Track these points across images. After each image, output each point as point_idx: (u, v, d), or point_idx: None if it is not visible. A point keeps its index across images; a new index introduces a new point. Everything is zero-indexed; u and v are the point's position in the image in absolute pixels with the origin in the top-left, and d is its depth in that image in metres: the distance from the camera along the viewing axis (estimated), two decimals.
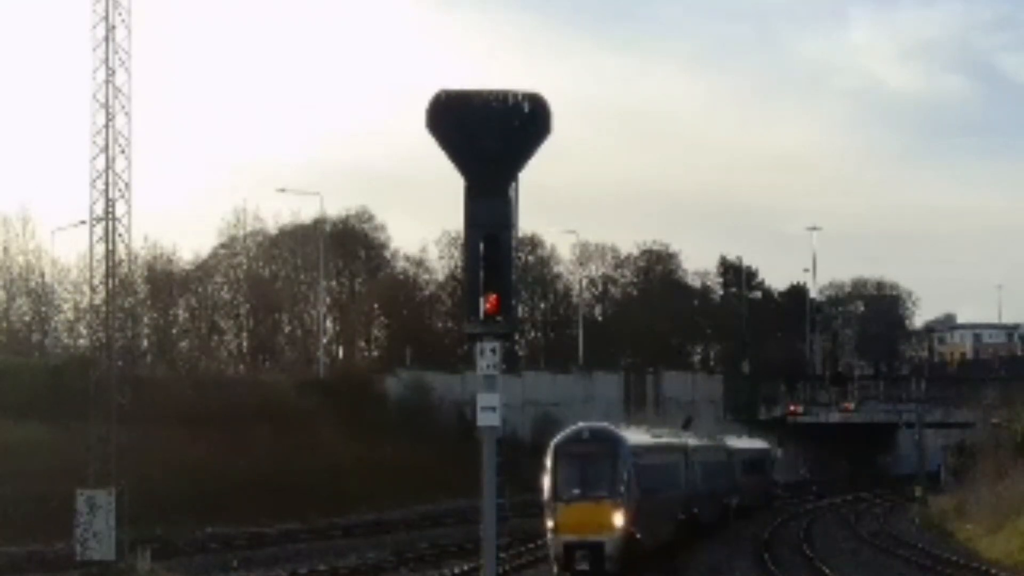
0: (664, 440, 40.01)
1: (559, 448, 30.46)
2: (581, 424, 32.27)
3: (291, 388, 68.80)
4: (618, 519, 29.55)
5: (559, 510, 29.60)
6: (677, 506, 38.72)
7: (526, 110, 12.28)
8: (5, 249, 75.33)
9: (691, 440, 46.16)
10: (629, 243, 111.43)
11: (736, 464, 55.49)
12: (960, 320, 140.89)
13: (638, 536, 30.40)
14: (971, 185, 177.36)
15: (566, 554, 29.45)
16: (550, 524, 29.67)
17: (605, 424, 34.02)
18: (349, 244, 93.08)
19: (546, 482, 30.24)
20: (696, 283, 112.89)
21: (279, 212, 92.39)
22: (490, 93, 12.31)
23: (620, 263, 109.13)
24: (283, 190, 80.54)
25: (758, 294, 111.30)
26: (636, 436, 34.54)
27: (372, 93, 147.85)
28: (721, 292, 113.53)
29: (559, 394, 77.37)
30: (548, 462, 30.33)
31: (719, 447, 53.63)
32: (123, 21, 38.06)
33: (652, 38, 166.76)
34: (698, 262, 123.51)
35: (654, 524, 33.33)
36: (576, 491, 29.99)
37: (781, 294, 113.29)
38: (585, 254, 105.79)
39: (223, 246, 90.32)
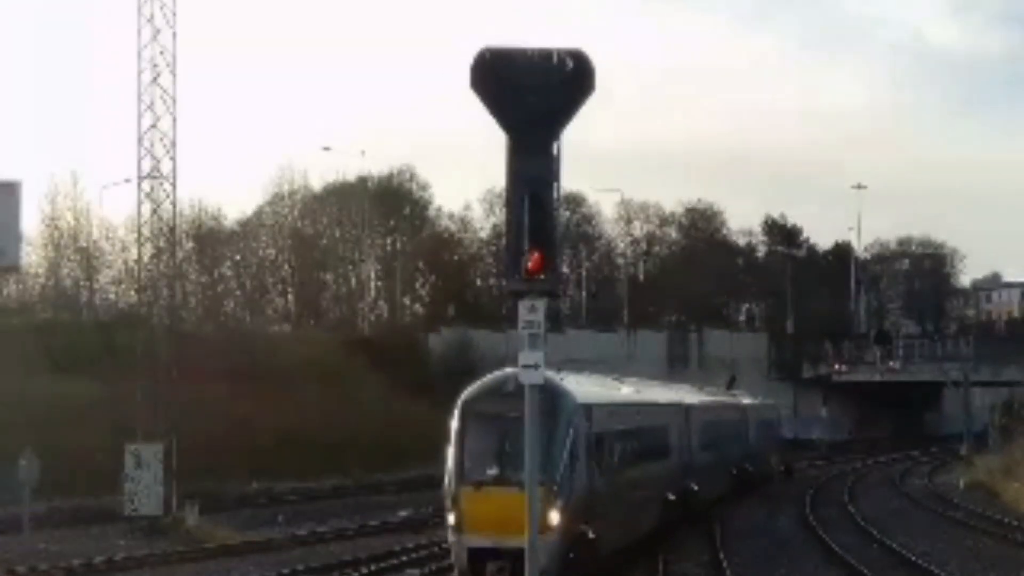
0: (643, 396, 30.90)
1: (469, 406, 21.65)
2: (506, 370, 21.53)
3: (337, 346, 69.22)
4: (554, 515, 20.47)
5: (464, 499, 20.91)
6: (665, 483, 30.11)
7: (569, 67, 12.25)
8: (54, 208, 76.04)
9: (689, 395, 38.35)
10: (673, 201, 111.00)
11: (750, 426, 48.59)
12: (1007, 278, 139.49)
13: (592, 536, 21.78)
14: (1019, 140, 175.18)
15: (473, 565, 20.91)
16: (451, 520, 21.09)
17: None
18: (393, 202, 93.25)
19: (448, 457, 21.51)
20: (740, 241, 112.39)
21: (324, 170, 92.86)
22: (534, 51, 12.29)
23: (664, 221, 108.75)
24: (328, 148, 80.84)
25: (803, 252, 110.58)
26: (594, 389, 25.72)
27: (416, 52, 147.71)
28: (765, 251, 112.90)
29: (602, 352, 77.30)
30: (453, 426, 21.65)
31: (729, 404, 46.24)
32: None
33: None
34: (742, 220, 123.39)
35: (627, 512, 25.46)
36: (491, 471, 20.95)
37: (826, 252, 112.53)
38: (628, 212, 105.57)
39: (268, 204, 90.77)
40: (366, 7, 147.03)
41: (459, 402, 21.85)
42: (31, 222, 74.27)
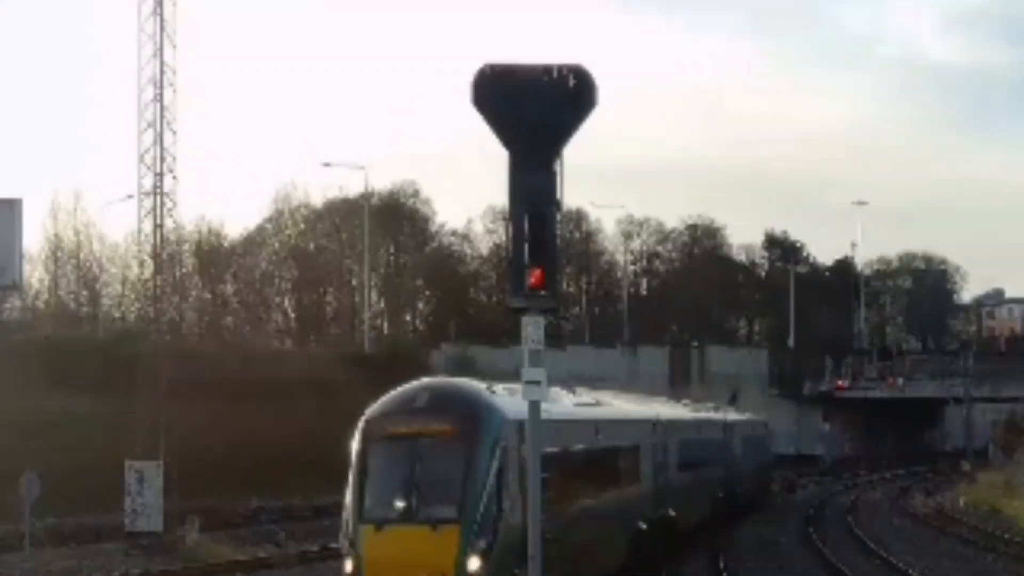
0: (605, 411, 25.27)
1: (372, 426, 17.73)
2: (423, 380, 18.79)
3: (337, 362, 69.19)
4: (474, 562, 16.54)
5: (364, 541, 17.04)
6: (635, 512, 25.72)
7: (571, 83, 12.26)
8: (55, 225, 76.14)
9: (665, 410, 33.28)
10: (674, 218, 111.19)
11: (736, 443, 43.88)
12: (1009, 294, 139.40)
13: None
14: (1019, 156, 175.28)
15: None
16: (348, 568, 17.16)
17: (462, 382, 19.44)
18: (395, 218, 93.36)
19: (348, 489, 17.62)
20: (742, 257, 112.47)
21: (326, 187, 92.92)
22: (535, 67, 12.30)
23: (665, 238, 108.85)
24: (328, 164, 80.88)
25: (804, 268, 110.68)
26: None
27: (418, 68, 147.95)
28: (767, 267, 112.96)
29: (603, 369, 77.27)
30: (353, 450, 17.77)
31: (712, 420, 41.07)
32: None
33: (696, 11, 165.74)
34: (744, 236, 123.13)
35: (583, 550, 20.71)
36: (397, 507, 17.06)
37: (827, 268, 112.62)
38: (630, 229, 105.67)
39: (270, 220, 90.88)
40: (368, 23, 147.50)
41: (361, 421, 17.82)
42: (33, 239, 74.43)
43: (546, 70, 12.23)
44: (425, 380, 18.50)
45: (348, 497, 17.53)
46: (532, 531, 13.03)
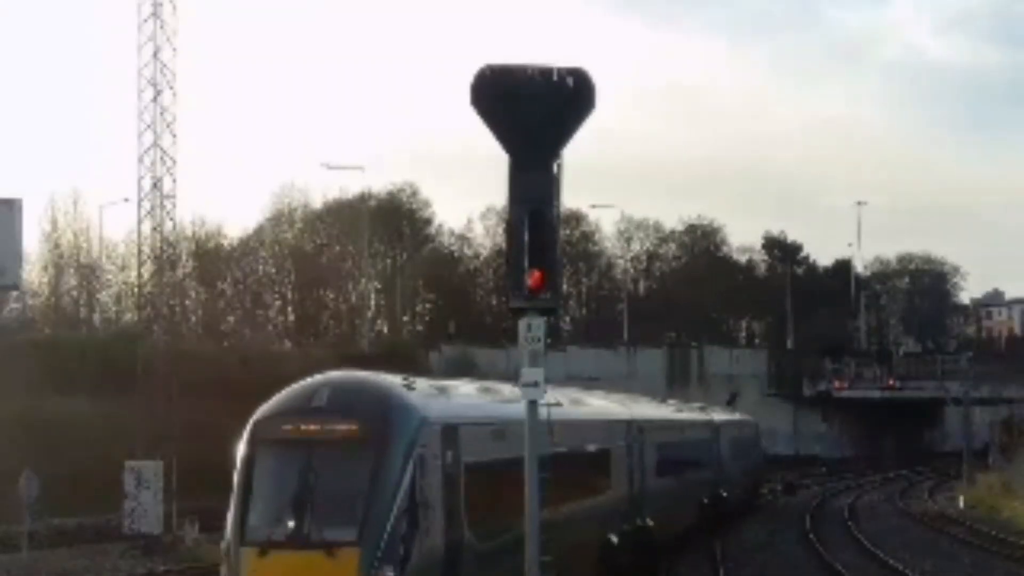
0: (565, 411, 21.15)
1: (261, 428, 15.07)
2: (326, 374, 15.67)
3: (336, 362, 68.98)
4: None
5: (246, 567, 14.51)
6: (602, 523, 22.77)
7: (570, 85, 12.28)
8: (54, 226, 76.15)
9: (642, 409, 30.20)
10: (673, 219, 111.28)
11: (724, 445, 40.90)
12: (1008, 296, 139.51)
13: None
14: (1017, 157, 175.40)
15: None
16: None
17: (371, 377, 16.05)
18: (394, 219, 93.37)
19: (232, 503, 15.12)
20: (740, 258, 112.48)
21: (325, 188, 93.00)
22: (534, 68, 12.32)
23: (664, 239, 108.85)
24: (328, 166, 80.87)
25: (803, 269, 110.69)
26: (469, 402, 18.25)
27: (417, 69, 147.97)
28: (766, 267, 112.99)
29: (602, 370, 77.29)
30: (238, 456, 15.29)
31: (696, 421, 38.06)
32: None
33: (694, 12, 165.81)
34: (743, 237, 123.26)
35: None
36: (286, 526, 14.21)
37: (826, 269, 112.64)
38: (629, 230, 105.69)
39: (269, 221, 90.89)
40: (368, 24, 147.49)
41: (251, 423, 15.26)
42: (32, 240, 74.44)
43: (545, 72, 12.26)
44: (329, 374, 15.43)
45: (230, 512, 14.91)
46: (530, 547, 13.04)
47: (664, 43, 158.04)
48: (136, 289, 71.23)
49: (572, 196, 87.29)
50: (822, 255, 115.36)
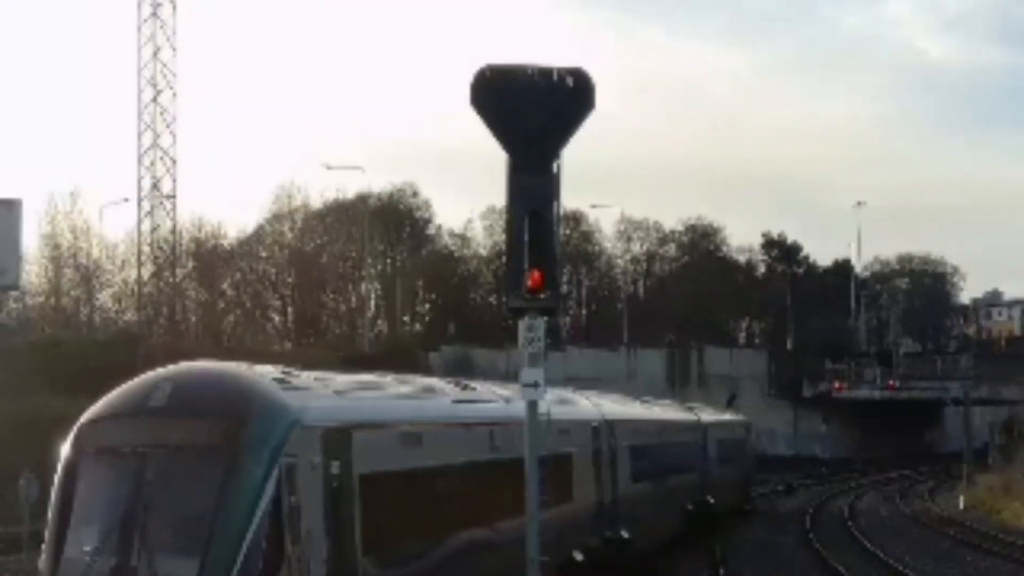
0: (509, 409, 17.19)
1: (86, 434, 12.48)
2: (171, 368, 12.95)
3: (336, 363, 69.08)
4: None
5: None
6: (567, 538, 19.42)
7: (569, 85, 12.28)
8: (54, 226, 76.08)
9: (613, 407, 26.51)
10: (673, 219, 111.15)
11: (712, 447, 38.05)
12: (1007, 296, 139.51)
13: None
14: (1017, 157, 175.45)
15: None
16: None
17: (227, 368, 13.25)
18: (394, 220, 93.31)
19: (48, 527, 12.04)
20: (740, 259, 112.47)
21: (325, 188, 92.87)
22: (534, 69, 12.32)
23: (664, 239, 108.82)
24: (328, 166, 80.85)
25: (802, 270, 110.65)
26: (354, 399, 14.10)
27: (417, 70, 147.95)
28: (765, 268, 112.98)
29: (602, 370, 77.24)
30: (58, 468, 12.39)
31: (679, 421, 35.00)
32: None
33: (693, 12, 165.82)
34: (742, 238, 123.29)
35: None
36: (112, 557, 11.09)
37: (826, 270, 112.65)
38: (628, 230, 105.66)
39: (269, 221, 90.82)
40: (369, 24, 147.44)
41: (75, 428, 12.61)
42: (31, 240, 74.34)
43: (545, 72, 12.25)
44: (176, 366, 12.69)
45: (45, 539, 11.80)
46: (531, 548, 13.02)
47: (664, 43, 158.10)
48: (136, 289, 71.34)
49: (572, 196, 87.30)
50: (822, 255, 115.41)
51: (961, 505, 49.28)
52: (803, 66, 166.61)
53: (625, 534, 23.49)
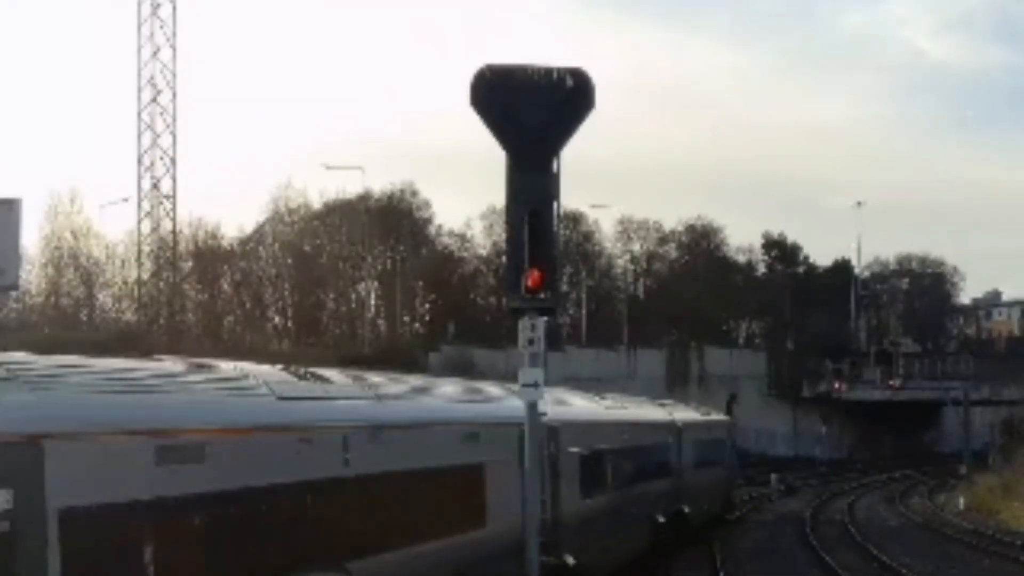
0: (408, 407, 14.20)
1: None
2: None
3: (335, 363, 68.98)
4: None
5: None
6: (490, 565, 15.18)
7: (569, 85, 12.29)
8: (54, 226, 76.08)
9: (566, 405, 22.23)
10: (673, 219, 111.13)
11: (687, 451, 33.75)
12: (1007, 296, 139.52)
13: None
14: (1017, 157, 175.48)
15: None
16: None
17: None
18: (393, 220, 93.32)
19: None
20: (740, 259, 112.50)
21: (324, 188, 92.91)
22: (533, 68, 12.32)
23: (664, 239, 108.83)
24: (329, 167, 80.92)
25: (802, 270, 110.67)
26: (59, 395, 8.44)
27: (416, 69, 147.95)
28: (765, 268, 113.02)
29: (601, 370, 77.30)
30: None
31: (646, 421, 30.67)
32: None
33: (692, 12, 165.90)
34: (742, 237, 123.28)
35: None
36: None
37: (826, 270, 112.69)
38: (628, 230, 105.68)
39: (268, 222, 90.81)
40: (368, 24, 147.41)
41: None
42: (30, 240, 74.32)
43: (544, 72, 12.26)
44: None
45: None
46: (531, 548, 13.04)
47: (664, 42, 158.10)
48: (136, 289, 71.30)
49: (571, 196, 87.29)
50: (822, 256, 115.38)
51: (961, 506, 49.28)
52: (803, 66, 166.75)
53: (570, 559, 19.26)
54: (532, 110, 12.24)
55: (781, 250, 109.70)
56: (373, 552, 11.78)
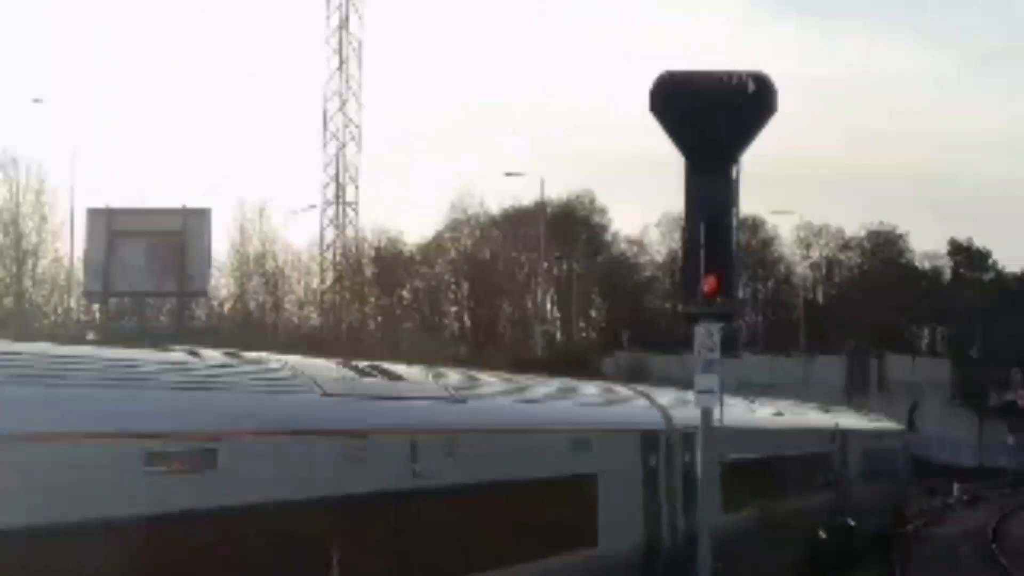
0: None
1: None
2: None
3: (510, 369, 69.55)
4: None
5: None
6: None
7: (750, 90, 12.25)
8: (242, 233, 78.47)
9: (679, 404, 18.37)
10: (855, 224, 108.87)
11: (853, 460, 31.36)
12: None
13: None
14: None
15: None
16: None
17: None
18: (570, 226, 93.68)
19: None
20: (924, 265, 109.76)
21: (501, 196, 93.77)
22: (713, 73, 12.33)
23: (844, 245, 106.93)
24: (506, 174, 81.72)
25: (990, 276, 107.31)
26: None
27: (593, 75, 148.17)
28: (951, 274, 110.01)
29: (778, 377, 76.19)
30: None
31: (807, 428, 28.45)
32: (356, 11, 39.32)
33: (875, 13, 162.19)
34: (926, 243, 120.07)
35: None
36: None
37: (1016, 276, 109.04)
38: (808, 236, 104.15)
39: (447, 229, 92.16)
40: (547, 32, 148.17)
41: None
42: (220, 248, 76.82)
43: (725, 77, 12.25)
44: None
45: None
46: (703, 517, 13.01)
47: (845, 43, 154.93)
48: (319, 295, 73.18)
49: (750, 201, 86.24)
50: (1011, 261, 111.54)
51: None
52: (987, 65, 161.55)
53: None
54: (712, 115, 12.25)
55: (968, 255, 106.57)
56: None
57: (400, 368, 11.76)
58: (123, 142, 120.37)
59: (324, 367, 10.37)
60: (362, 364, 11.11)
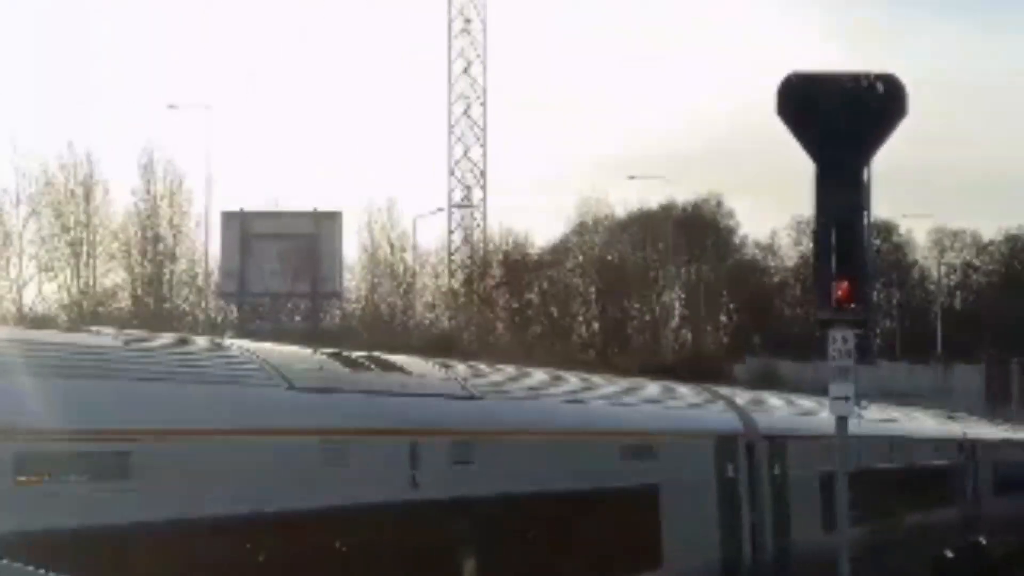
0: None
1: None
2: None
3: (638, 373, 69.26)
4: None
5: None
6: None
7: (880, 91, 12.00)
8: (372, 236, 79.57)
9: (769, 407, 18.61)
10: (993, 228, 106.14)
11: (983, 473, 29.32)
12: None
13: None
14: None
15: None
16: None
17: None
18: (697, 230, 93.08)
19: None
20: None
21: (627, 198, 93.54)
22: (842, 75, 12.12)
23: (981, 250, 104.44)
24: (632, 176, 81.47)
25: None
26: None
27: (722, 77, 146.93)
28: None
29: (915, 385, 74.60)
30: None
31: (932, 439, 26.77)
32: (479, 14, 39.54)
33: (1013, 9, 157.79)
34: None
35: None
36: None
37: None
38: (943, 240, 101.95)
39: (574, 232, 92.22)
40: (673, 31, 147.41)
41: None
42: (351, 250, 77.94)
43: (854, 78, 12.03)
44: None
45: None
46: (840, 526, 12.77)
47: (981, 41, 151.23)
48: (448, 298, 73.83)
49: (881, 204, 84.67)
50: None
51: None
52: None
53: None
54: (841, 118, 12.03)
55: None
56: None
57: (402, 359, 10.29)
58: (252, 144, 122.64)
59: (298, 356, 8.88)
60: (356, 355, 9.56)
